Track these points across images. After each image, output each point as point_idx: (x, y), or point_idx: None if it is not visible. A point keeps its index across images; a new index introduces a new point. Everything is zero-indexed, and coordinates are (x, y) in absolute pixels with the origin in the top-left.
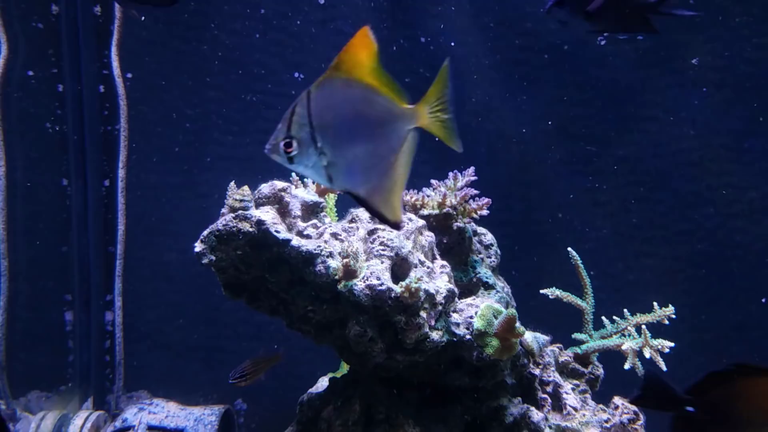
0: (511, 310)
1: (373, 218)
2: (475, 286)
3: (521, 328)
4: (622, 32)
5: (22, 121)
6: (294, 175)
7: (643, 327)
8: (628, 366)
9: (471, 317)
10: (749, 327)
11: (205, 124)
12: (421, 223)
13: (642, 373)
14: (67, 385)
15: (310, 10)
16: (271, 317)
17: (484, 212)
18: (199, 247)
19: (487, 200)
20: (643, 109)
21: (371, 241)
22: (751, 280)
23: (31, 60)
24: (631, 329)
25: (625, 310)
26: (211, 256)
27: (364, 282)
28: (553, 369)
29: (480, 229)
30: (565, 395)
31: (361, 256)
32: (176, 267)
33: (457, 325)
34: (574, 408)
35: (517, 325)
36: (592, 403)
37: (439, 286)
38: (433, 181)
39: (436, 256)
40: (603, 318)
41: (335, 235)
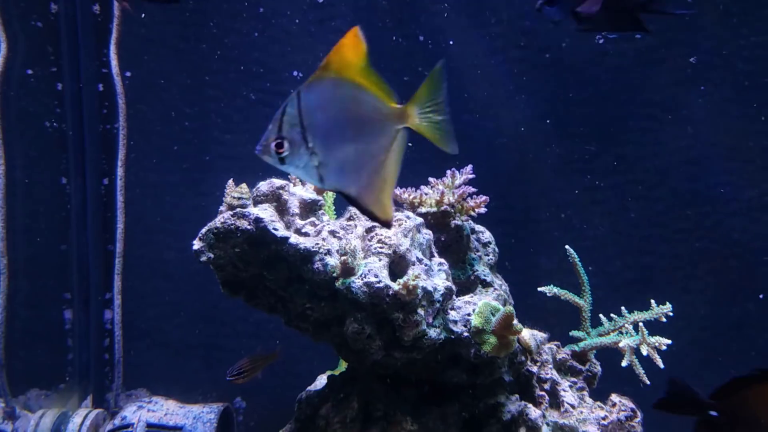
0: (509, 308)
1: None
2: (473, 283)
3: (519, 326)
4: (613, 31)
5: (21, 120)
6: None
7: (641, 324)
8: (626, 363)
9: (469, 314)
10: (747, 325)
11: (204, 123)
12: (419, 220)
13: (667, 378)
14: (67, 383)
15: (309, 9)
16: (270, 315)
17: (482, 210)
18: (197, 244)
19: (484, 198)
20: (642, 108)
21: (369, 239)
22: (749, 278)
23: (30, 59)
24: (629, 327)
25: (623, 308)
26: (210, 253)
27: (362, 279)
28: (551, 366)
29: (478, 227)
30: (562, 392)
31: (359, 254)
32: (175, 265)
33: (455, 322)
34: (572, 405)
35: (515, 322)
36: (589, 401)
37: (437, 284)
38: (431, 179)
39: (434, 254)
40: (600, 315)
41: (333, 233)
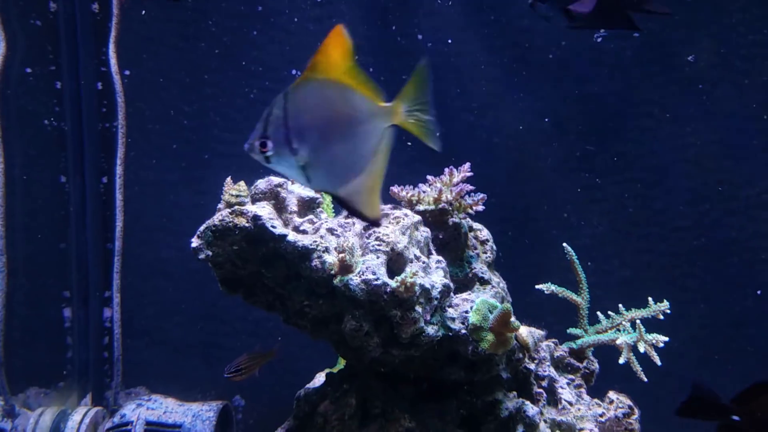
0: (507, 305)
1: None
2: (471, 281)
3: (516, 323)
4: (603, 29)
5: (20, 118)
6: None
7: (638, 322)
8: (623, 360)
9: (466, 312)
10: (745, 323)
11: (203, 121)
12: (417, 218)
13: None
14: (66, 381)
15: (308, 7)
16: (268, 313)
17: (480, 208)
18: (195, 242)
19: (482, 196)
20: (640, 106)
21: (367, 237)
22: (748, 276)
23: (29, 57)
24: (626, 324)
25: (621, 306)
26: (208, 251)
27: (360, 277)
28: (549, 364)
29: (476, 225)
30: (560, 390)
31: (357, 252)
32: (174, 263)
33: (453, 319)
34: (570, 402)
35: (513, 319)
36: (587, 398)
37: (435, 281)
38: (429, 177)
39: (431, 252)
40: (598, 313)
41: (331, 231)
